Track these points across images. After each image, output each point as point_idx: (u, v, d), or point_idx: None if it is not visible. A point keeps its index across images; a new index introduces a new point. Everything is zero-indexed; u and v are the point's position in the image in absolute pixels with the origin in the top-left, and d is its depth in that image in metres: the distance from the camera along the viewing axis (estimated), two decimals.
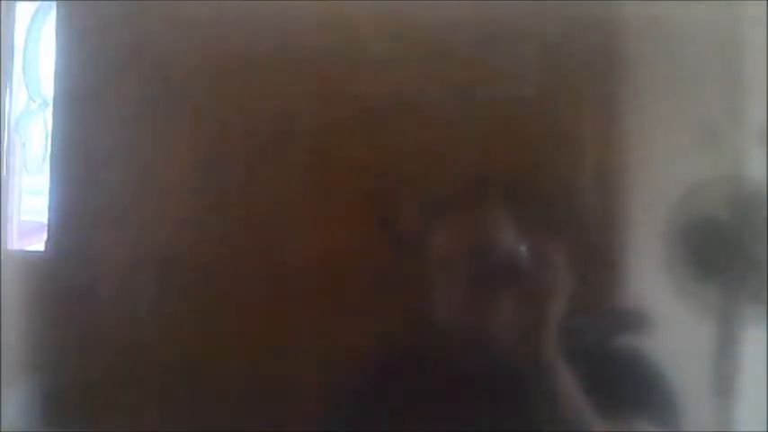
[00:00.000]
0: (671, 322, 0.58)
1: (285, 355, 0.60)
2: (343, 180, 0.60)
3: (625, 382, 0.58)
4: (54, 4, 0.62)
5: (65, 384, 0.61)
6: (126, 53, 0.62)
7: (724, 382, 0.58)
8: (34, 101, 0.63)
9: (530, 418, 0.58)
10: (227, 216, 0.61)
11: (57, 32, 0.62)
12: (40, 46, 0.63)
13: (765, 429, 0.57)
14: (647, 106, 0.59)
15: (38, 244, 0.62)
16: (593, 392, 0.58)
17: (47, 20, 0.62)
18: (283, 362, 0.60)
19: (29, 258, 0.62)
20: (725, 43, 0.59)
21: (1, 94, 0.63)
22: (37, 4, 0.63)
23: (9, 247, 0.63)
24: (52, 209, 0.61)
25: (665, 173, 0.59)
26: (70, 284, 0.61)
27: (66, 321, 0.61)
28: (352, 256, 0.60)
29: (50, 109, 0.62)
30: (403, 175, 0.60)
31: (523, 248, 0.58)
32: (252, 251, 0.60)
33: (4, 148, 0.63)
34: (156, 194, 0.61)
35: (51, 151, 0.62)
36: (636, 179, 0.59)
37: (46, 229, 0.61)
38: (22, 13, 0.63)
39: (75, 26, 0.62)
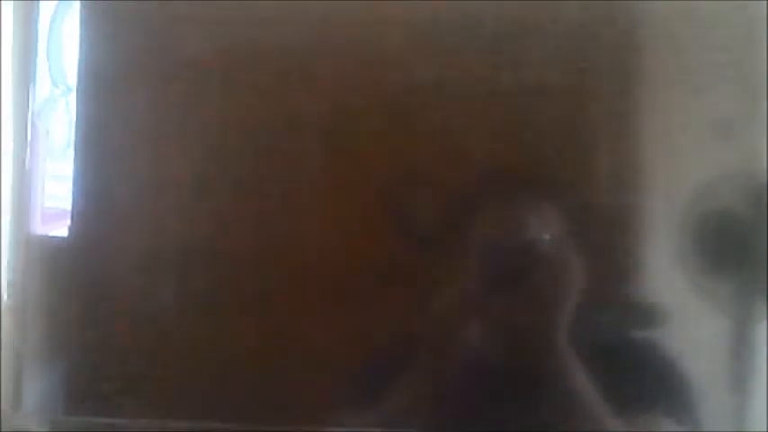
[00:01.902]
0: (685, 316, 0.59)
1: (298, 347, 0.60)
2: (358, 172, 0.61)
3: (639, 375, 0.59)
4: None
5: (86, 369, 0.62)
6: (149, 41, 0.62)
7: (738, 376, 0.58)
8: (58, 87, 0.63)
9: (543, 412, 0.59)
10: (243, 206, 0.61)
11: (80, 19, 0.62)
12: (63, 32, 0.63)
13: None
14: (662, 100, 0.60)
15: (61, 230, 0.62)
16: (607, 386, 0.58)
17: (71, 7, 0.62)
18: (296, 353, 0.60)
19: (53, 244, 0.62)
20: (740, 37, 0.60)
21: (25, 81, 0.63)
22: None
23: (33, 232, 0.63)
24: (76, 195, 0.62)
25: (680, 167, 0.59)
26: (93, 270, 0.61)
27: (88, 307, 0.61)
28: (367, 249, 0.60)
29: (74, 95, 0.62)
30: (418, 167, 0.60)
31: (538, 242, 0.59)
32: (268, 240, 0.61)
33: (29, 134, 0.63)
34: (178, 181, 0.61)
35: (75, 137, 0.62)
36: (651, 173, 0.60)
37: (69, 214, 0.62)
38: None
39: (99, 13, 0.62)
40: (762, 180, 0.59)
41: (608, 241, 0.59)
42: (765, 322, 0.58)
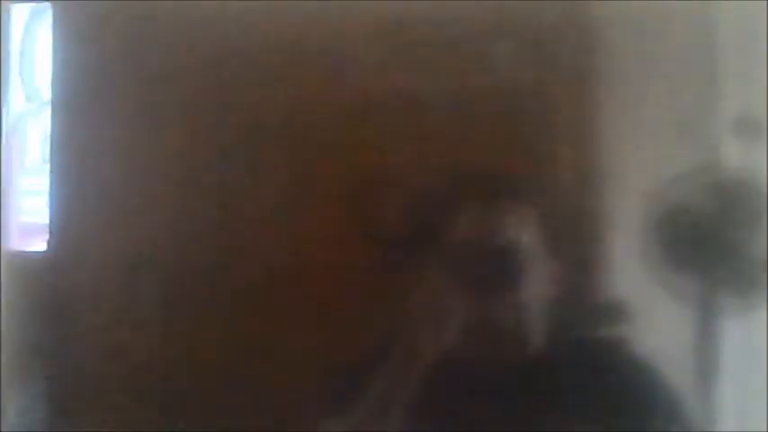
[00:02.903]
0: (651, 313, 0.60)
1: (269, 355, 0.61)
2: (329, 181, 0.61)
3: (606, 372, 0.60)
4: (49, 6, 0.62)
5: (65, 384, 0.62)
6: (122, 53, 0.62)
7: (703, 369, 0.60)
8: (32, 102, 0.63)
9: (520, 412, 0.60)
10: (216, 216, 0.62)
11: (53, 33, 0.62)
12: (36, 47, 0.63)
13: (744, 417, 0.59)
14: (624, 99, 0.61)
15: (39, 244, 0.62)
16: (576, 384, 0.59)
17: (43, 21, 0.62)
18: (267, 361, 0.61)
19: (30, 259, 0.63)
20: (699, 36, 0.61)
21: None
22: (32, 5, 0.62)
23: (10, 247, 0.63)
24: (52, 209, 0.62)
25: (642, 165, 0.61)
26: (71, 285, 0.62)
27: (66, 321, 0.62)
28: (339, 259, 0.61)
29: (48, 109, 0.62)
30: (388, 172, 0.61)
31: (512, 244, 0.60)
32: (239, 248, 0.61)
33: (3, 149, 0.63)
34: (154, 193, 0.62)
35: (50, 152, 0.62)
36: (614, 172, 0.61)
37: (47, 229, 0.62)
38: (18, 14, 0.63)
39: (71, 27, 0.63)
40: (722, 175, 0.60)
41: (576, 240, 0.61)
42: (731, 314, 0.60)
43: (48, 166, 0.62)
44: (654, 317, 0.60)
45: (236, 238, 0.62)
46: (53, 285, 0.62)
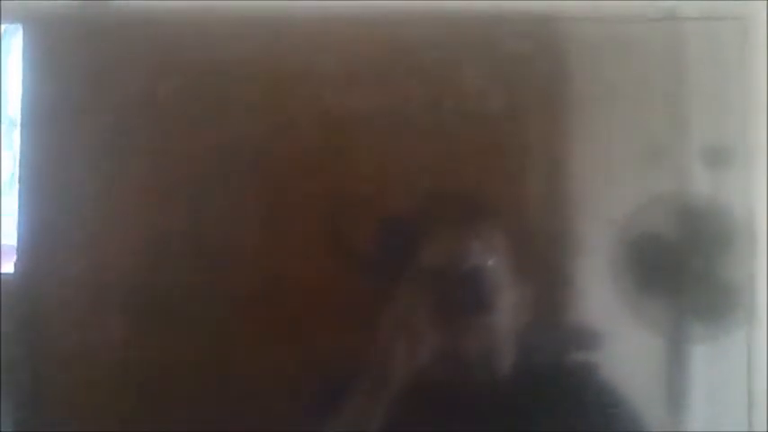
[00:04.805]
0: (620, 338, 0.60)
1: (240, 374, 0.61)
2: (300, 202, 0.61)
3: (575, 397, 0.60)
4: (20, 27, 0.62)
5: (33, 405, 0.61)
6: (93, 74, 0.62)
7: (673, 395, 0.60)
8: (1, 122, 0.62)
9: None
10: (187, 237, 0.61)
11: (23, 54, 0.62)
12: (6, 67, 0.62)
13: None
14: (593, 126, 0.62)
15: (7, 266, 0.62)
16: (545, 409, 0.59)
17: (13, 42, 0.62)
18: (238, 380, 0.61)
19: None
20: (668, 63, 0.62)
21: None
22: (2, 25, 0.62)
23: None
24: (20, 231, 0.61)
25: (612, 191, 0.61)
26: (39, 306, 0.61)
27: (34, 343, 0.61)
28: (310, 279, 0.61)
29: (18, 130, 0.62)
30: (360, 194, 0.61)
31: (475, 266, 0.60)
32: (211, 268, 0.61)
33: None
34: (124, 216, 0.62)
35: (20, 173, 0.62)
36: (584, 197, 0.61)
37: (15, 251, 0.61)
38: None
39: (42, 48, 0.62)
40: (691, 202, 0.61)
41: (544, 266, 0.61)
42: (699, 339, 0.60)
43: (17, 187, 0.61)
44: (623, 342, 0.60)
45: (207, 259, 0.61)
46: (20, 308, 0.61)
